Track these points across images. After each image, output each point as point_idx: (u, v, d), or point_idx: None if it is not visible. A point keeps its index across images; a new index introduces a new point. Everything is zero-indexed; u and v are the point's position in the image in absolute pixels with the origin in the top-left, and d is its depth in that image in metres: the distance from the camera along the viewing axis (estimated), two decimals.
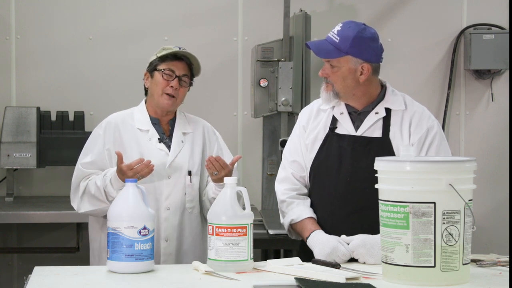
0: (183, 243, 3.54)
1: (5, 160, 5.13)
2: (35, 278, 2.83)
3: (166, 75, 3.54)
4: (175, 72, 3.54)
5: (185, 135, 3.61)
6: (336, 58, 3.23)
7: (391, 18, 5.65)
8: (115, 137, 3.54)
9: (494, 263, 3.05)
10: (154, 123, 3.60)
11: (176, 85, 3.53)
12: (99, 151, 3.52)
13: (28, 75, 5.44)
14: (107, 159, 3.52)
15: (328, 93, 3.28)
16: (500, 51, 5.52)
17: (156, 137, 3.56)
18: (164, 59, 3.56)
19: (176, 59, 3.56)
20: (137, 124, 3.57)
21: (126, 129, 3.56)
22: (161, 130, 3.60)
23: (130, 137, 3.55)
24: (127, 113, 3.64)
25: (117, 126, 3.56)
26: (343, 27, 3.24)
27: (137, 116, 3.60)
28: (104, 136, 3.54)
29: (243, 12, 5.57)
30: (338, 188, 3.27)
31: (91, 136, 3.60)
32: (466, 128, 5.71)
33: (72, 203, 3.57)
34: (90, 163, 3.51)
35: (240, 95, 5.57)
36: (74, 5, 5.48)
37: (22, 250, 5.42)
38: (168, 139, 3.59)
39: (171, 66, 3.55)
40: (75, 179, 3.54)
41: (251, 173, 5.50)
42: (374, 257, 3.05)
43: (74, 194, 3.54)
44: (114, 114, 3.64)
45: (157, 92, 3.55)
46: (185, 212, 3.55)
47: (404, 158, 2.80)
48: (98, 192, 3.44)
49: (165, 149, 3.55)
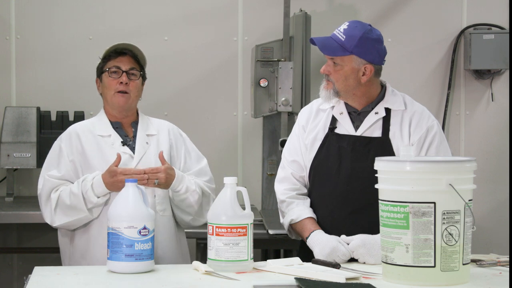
0: (158, 247, 3.31)
1: (5, 160, 5.12)
2: (35, 278, 2.83)
3: (112, 73, 3.47)
4: (121, 67, 3.47)
5: (149, 137, 3.51)
6: (340, 57, 3.23)
7: (391, 18, 5.65)
8: (77, 147, 3.45)
9: (494, 263, 3.05)
10: (116, 127, 3.51)
11: (126, 80, 3.45)
12: (65, 164, 3.43)
13: (28, 75, 5.44)
14: (72, 171, 3.42)
15: (328, 91, 3.28)
16: (500, 51, 5.52)
17: (118, 141, 3.46)
18: (108, 59, 3.50)
19: (119, 54, 3.49)
20: (98, 131, 3.48)
21: (87, 138, 3.47)
22: (124, 133, 3.51)
23: (92, 145, 3.45)
24: (86, 123, 3.55)
25: (77, 136, 3.47)
26: (350, 26, 3.24)
27: (97, 124, 3.51)
28: (66, 148, 3.45)
29: (243, 12, 5.56)
30: (338, 188, 3.27)
31: (52, 150, 3.50)
32: (466, 128, 5.70)
33: (44, 217, 3.44)
34: (59, 178, 3.42)
35: (240, 95, 5.56)
36: (74, 5, 5.48)
37: (22, 250, 5.41)
38: (132, 142, 3.49)
39: (116, 63, 3.48)
40: (45, 190, 3.42)
41: (251, 173, 5.49)
42: (374, 257, 3.05)
43: (45, 206, 3.42)
44: (72, 125, 3.56)
45: (109, 93, 3.48)
46: (157, 215, 3.34)
47: (404, 158, 2.79)
48: (75, 200, 3.33)
49: (129, 151, 3.45)
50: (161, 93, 5.38)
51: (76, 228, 3.43)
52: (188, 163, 3.57)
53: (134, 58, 3.52)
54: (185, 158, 3.57)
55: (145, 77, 3.57)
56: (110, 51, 3.50)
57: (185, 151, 3.59)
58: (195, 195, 3.47)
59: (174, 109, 5.39)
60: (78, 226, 3.42)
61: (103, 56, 3.52)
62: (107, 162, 3.37)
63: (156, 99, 5.31)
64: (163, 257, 3.41)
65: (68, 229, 3.45)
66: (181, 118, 5.13)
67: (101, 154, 3.43)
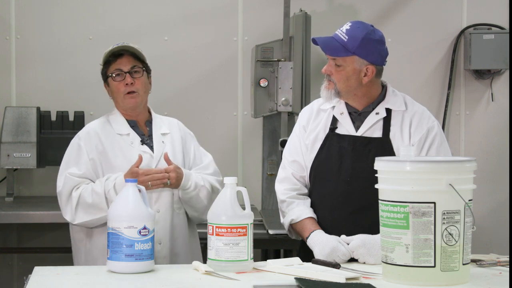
0: (175, 244, 3.50)
1: (5, 160, 5.12)
2: (35, 278, 2.83)
3: (116, 77, 3.51)
4: (122, 69, 3.51)
5: (163, 136, 3.57)
6: (342, 57, 3.23)
7: (391, 18, 5.65)
8: (97, 145, 3.48)
9: (494, 263, 3.04)
10: (132, 126, 3.55)
11: (130, 80, 3.50)
12: (85, 162, 3.46)
13: (28, 75, 5.44)
14: (92, 169, 3.46)
15: (329, 92, 3.28)
16: (500, 51, 5.52)
17: (137, 140, 3.51)
18: (108, 63, 3.54)
19: (118, 57, 3.53)
20: (116, 130, 3.52)
21: (107, 136, 3.50)
22: (141, 132, 3.56)
23: (112, 143, 3.49)
24: (103, 121, 3.58)
25: (97, 134, 3.51)
26: (352, 27, 3.23)
27: (115, 122, 3.55)
28: (85, 146, 3.48)
29: (243, 12, 5.56)
30: (338, 188, 3.27)
31: (71, 149, 3.52)
32: (466, 128, 5.71)
33: (64, 215, 3.47)
34: (79, 176, 3.44)
35: (240, 95, 5.56)
36: (74, 5, 5.48)
37: (22, 250, 5.41)
38: (149, 140, 3.55)
39: (117, 66, 3.52)
40: (66, 188, 3.43)
41: (251, 173, 5.49)
42: (374, 257, 3.05)
43: (66, 204, 3.44)
44: (90, 123, 3.59)
45: (119, 97, 3.52)
46: (174, 213, 3.50)
47: (404, 158, 2.79)
48: (98, 199, 3.37)
49: (149, 151, 3.50)
50: (161, 93, 5.38)
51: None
52: (197, 158, 3.64)
53: (133, 56, 3.55)
54: (194, 153, 3.63)
55: (149, 69, 3.62)
56: (108, 56, 3.54)
57: (195, 147, 3.65)
58: (204, 190, 3.52)
59: (174, 109, 5.38)
60: (98, 225, 3.45)
61: (103, 62, 3.56)
62: (129, 161, 3.42)
63: (156, 99, 5.26)
64: (179, 254, 3.49)
65: (87, 227, 3.47)
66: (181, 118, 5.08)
67: (122, 153, 3.48)
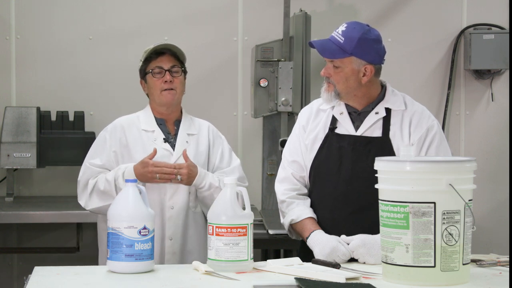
0: (187, 242, 3.58)
1: (5, 160, 5.12)
2: (35, 278, 2.83)
3: (156, 74, 3.59)
4: (163, 67, 3.59)
5: (190, 136, 3.65)
6: (340, 59, 3.23)
7: (391, 18, 5.65)
8: (121, 139, 3.60)
9: (494, 263, 3.05)
10: (160, 124, 3.65)
11: (169, 78, 3.59)
12: (107, 154, 3.58)
13: (28, 75, 5.44)
14: (114, 161, 3.57)
15: (330, 94, 3.28)
16: (500, 51, 5.52)
17: (161, 137, 3.61)
18: (149, 60, 3.62)
19: (159, 55, 3.61)
20: (143, 126, 3.63)
21: (132, 131, 3.62)
22: (167, 130, 3.65)
23: (135, 138, 3.61)
24: (132, 116, 3.70)
25: (122, 129, 3.62)
26: (348, 28, 3.24)
27: (143, 118, 3.66)
28: (110, 139, 3.60)
29: (243, 12, 5.56)
30: (338, 188, 3.27)
31: (98, 139, 3.65)
32: (466, 128, 5.71)
33: (79, 201, 3.61)
34: (100, 166, 3.57)
35: (240, 95, 5.57)
36: (74, 5, 5.48)
37: (22, 250, 5.42)
38: (173, 139, 3.63)
39: (157, 63, 3.60)
40: (84, 176, 3.58)
41: (251, 173, 5.48)
42: (374, 257, 3.05)
43: (83, 191, 3.58)
44: (119, 118, 3.70)
45: (156, 93, 3.61)
46: (189, 211, 3.59)
47: (404, 158, 2.79)
48: (108, 186, 3.48)
49: (169, 149, 3.59)
50: None
51: None
52: (221, 162, 3.69)
53: (173, 56, 3.63)
54: (220, 157, 3.68)
55: (186, 71, 3.69)
56: (150, 53, 3.61)
57: (222, 151, 3.70)
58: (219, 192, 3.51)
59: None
60: None
61: (144, 58, 3.63)
62: (147, 155, 3.50)
63: None
64: (192, 251, 3.56)
65: (100, 213, 3.57)
66: None
67: (144, 148, 3.57)
